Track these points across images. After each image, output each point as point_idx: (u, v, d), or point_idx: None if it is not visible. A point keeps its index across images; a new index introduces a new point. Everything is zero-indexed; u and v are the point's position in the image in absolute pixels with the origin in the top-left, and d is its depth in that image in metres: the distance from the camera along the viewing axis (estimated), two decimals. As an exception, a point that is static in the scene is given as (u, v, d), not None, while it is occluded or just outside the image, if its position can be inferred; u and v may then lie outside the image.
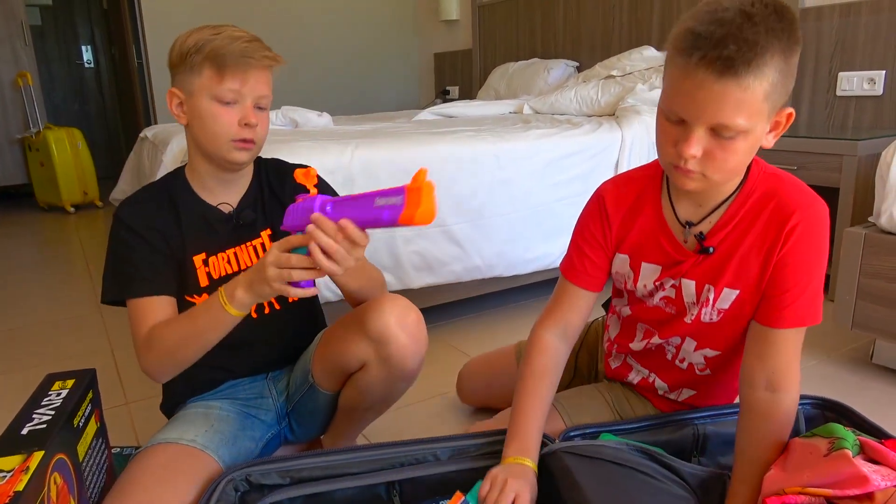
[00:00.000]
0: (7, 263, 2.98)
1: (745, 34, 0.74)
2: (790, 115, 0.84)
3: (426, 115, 2.86)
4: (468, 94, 4.37)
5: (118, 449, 1.23)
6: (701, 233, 0.94)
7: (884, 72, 2.26)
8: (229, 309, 0.91)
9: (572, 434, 1.01)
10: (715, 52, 0.75)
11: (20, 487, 0.71)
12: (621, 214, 1.01)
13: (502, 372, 1.34)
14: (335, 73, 4.54)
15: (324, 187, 1.10)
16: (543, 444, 0.97)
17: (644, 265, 1.00)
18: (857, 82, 2.34)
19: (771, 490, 0.84)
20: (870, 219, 1.55)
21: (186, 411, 1.09)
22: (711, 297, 0.96)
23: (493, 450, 0.98)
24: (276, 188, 1.13)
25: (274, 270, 0.85)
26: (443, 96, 4.56)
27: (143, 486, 0.92)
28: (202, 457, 0.98)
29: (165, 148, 1.93)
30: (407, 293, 1.83)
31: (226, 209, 1.09)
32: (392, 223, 0.78)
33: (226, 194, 1.09)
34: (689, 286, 0.97)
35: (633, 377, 1.13)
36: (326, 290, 1.73)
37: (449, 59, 4.61)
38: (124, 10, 4.05)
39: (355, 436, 1.24)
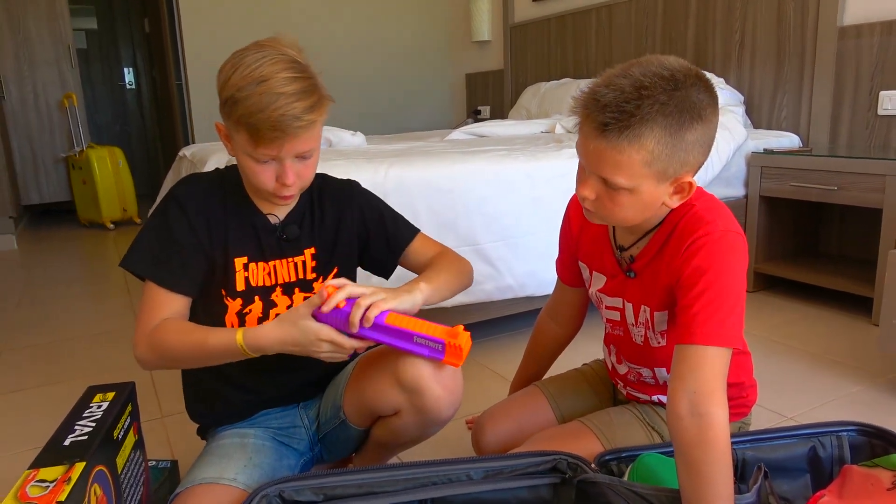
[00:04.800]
0: (49, 278, 3.07)
1: (627, 106, 0.80)
2: (691, 184, 0.88)
3: (458, 134, 2.87)
4: (499, 113, 4.39)
5: (154, 462, 1.24)
6: (631, 256, 1.01)
7: (927, 90, 2.21)
8: (246, 353, 0.93)
9: (607, 458, 0.99)
10: (597, 115, 0.83)
11: (62, 498, 0.72)
12: (580, 223, 1.12)
13: (535, 412, 1.24)
14: (369, 94, 4.61)
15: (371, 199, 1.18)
16: (579, 469, 0.95)
17: (595, 273, 1.10)
18: (900, 101, 2.29)
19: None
20: (916, 240, 1.51)
21: (221, 441, 1.07)
22: (647, 318, 1.01)
23: (527, 471, 0.97)
24: (325, 206, 1.11)
25: (329, 349, 0.93)
26: (474, 116, 4.59)
27: None
28: (244, 497, 0.95)
29: (203, 166, 1.97)
30: (439, 312, 1.84)
31: (273, 220, 1.07)
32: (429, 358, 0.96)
33: (274, 206, 1.06)
34: (628, 307, 1.04)
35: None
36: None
37: (481, 79, 4.65)
38: (165, 33, 4.18)
39: (387, 461, 1.23)
